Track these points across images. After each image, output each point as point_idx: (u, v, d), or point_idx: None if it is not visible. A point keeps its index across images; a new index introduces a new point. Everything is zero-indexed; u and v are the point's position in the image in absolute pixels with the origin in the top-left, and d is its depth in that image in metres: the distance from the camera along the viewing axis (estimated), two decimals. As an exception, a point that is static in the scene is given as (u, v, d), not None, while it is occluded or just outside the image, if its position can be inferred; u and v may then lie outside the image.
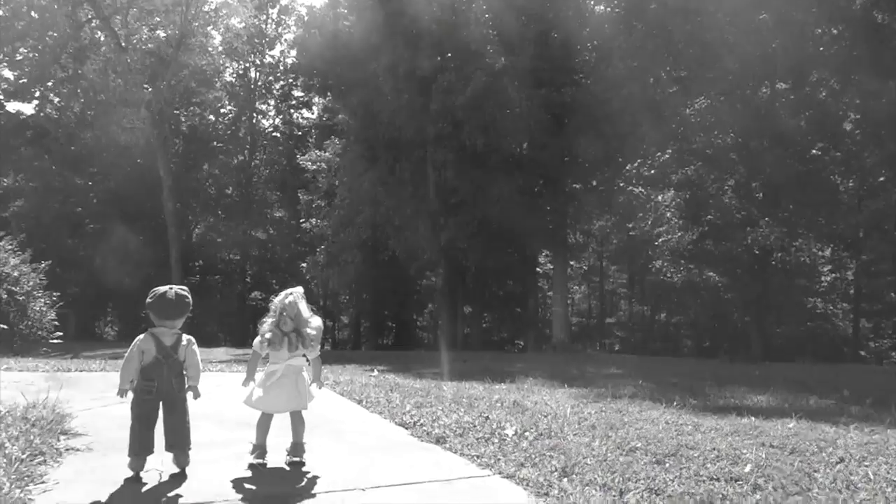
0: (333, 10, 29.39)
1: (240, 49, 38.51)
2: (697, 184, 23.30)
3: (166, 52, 32.25)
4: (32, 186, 33.80)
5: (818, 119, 21.02)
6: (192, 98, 37.24)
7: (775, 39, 20.45)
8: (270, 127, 42.64)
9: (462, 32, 24.24)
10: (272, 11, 39.86)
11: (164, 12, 32.13)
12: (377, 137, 25.38)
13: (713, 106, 22.40)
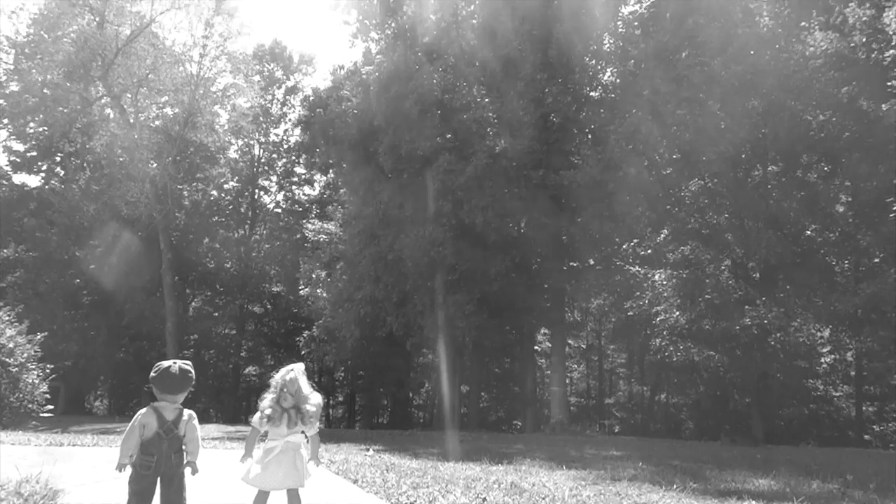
0: (337, 91, 30.42)
1: (245, 127, 39.62)
2: (694, 263, 23.50)
3: (173, 129, 33.17)
4: (32, 257, 33.96)
5: (810, 201, 21.43)
6: (196, 174, 38.01)
7: (766, 125, 21.13)
8: (272, 202, 43.33)
9: (462, 115, 25.01)
10: (278, 92, 41.28)
11: (174, 91, 33.19)
12: (377, 214, 25.75)
13: (707, 187, 22.90)
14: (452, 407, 26.97)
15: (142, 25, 30.92)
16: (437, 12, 26.42)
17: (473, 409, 31.18)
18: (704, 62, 20.75)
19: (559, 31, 23.63)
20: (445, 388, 26.12)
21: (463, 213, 23.58)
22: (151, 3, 30.95)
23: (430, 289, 25.17)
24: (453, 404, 27.29)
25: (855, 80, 20.27)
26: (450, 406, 26.38)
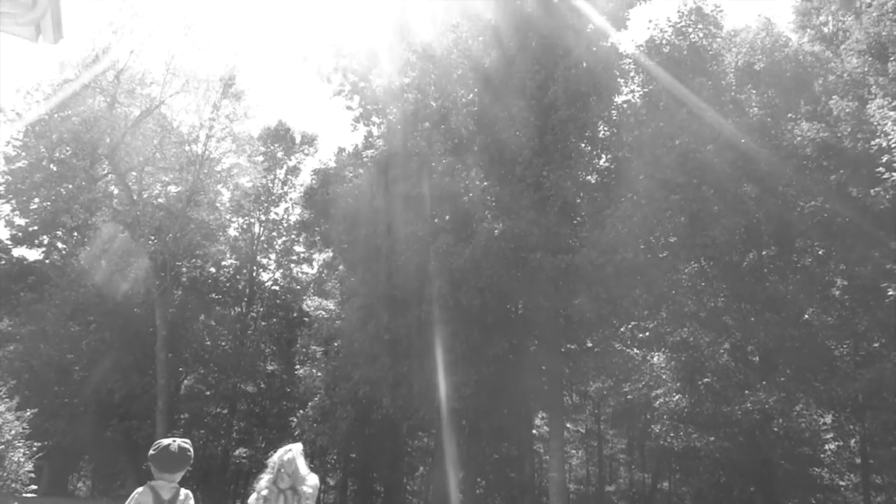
0: (339, 172, 31.08)
1: (246, 206, 40.18)
2: (693, 346, 23.42)
3: (176, 206, 33.61)
4: (27, 331, 33.66)
5: (806, 284, 21.61)
6: (195, 251, 38.22)
7: (760, 209, 21.55)
8: (270, 280, 43.39)
9: (461, 199, 25.48)
10: (280, 171, 42.15)
11: (178, 170, 33.84)
12: (375, 295, 25.79)
13: (704, 270, 23.11)
14: (447, 493, 26.13)
15: (151, 107, 31.87)
16: (438, 100, 27.35)
17: (469, 496, 30.17)
18: (697, 149, 21.36)
19: (555, 119, 24.40)
20: (447, 474, 25.41)
21: (461, 295, 23.61)
22: (162, 86, 32.01)
23: (427, 370, 24.87)
24: (450, 491, 26.45)
25: (843, 167, 20.86)
26: (442, 493, 25.57)
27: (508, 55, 25.11)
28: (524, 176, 24.67)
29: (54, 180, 34.24)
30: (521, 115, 25.14)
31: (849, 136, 20.48)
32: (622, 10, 25.61)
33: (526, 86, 24.79)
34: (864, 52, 21.26)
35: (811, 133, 21.00)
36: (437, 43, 26.54)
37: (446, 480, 26.17)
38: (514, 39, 25.16)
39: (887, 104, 18.13)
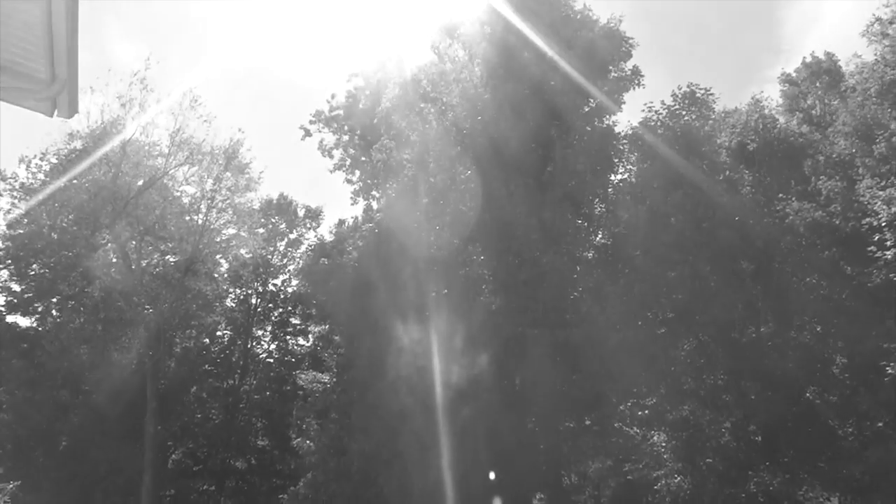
0: (339, 245, 31.34)
1: (245, 277, 40.22)
2: (694, 425, 23.00)
3: (174, 276, 33.64)
4: (15, 399, 33.00)
5: (806, 361, 21.45)
6: (190, 321, 37.97)
7: (757, 286, 21.67)
8: (264, 353, 42.96)
9: (458, 272, 25.59)
10: (280, 244, 42.42)
11: (178, 240, 34.05)
12: (371, 367, 25.52)
13: (702, 347, 22.97)
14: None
15: (155, 178, 32.38)
16: (437, 175, 27.87)
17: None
18: (694, 227, 21.67)
19: (552, 196, 24.82)
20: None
21: (459, 371, 23.36)
22: (167, 158, 32.63)
23: (424, 446, 24.29)
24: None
25: (836, 245, 21.13)
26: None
27: (505, 135, 25.76)
28: (521, 251, 24.86)
29: (54, 248, 34.39)
30: (518, 192, 25.56)
31: (840, 216, 20.87)
32: (617, 93, 26.52)
33: (523, 164, 25.34)
34: (850, 135, 21.93)
35: (803, 212, 21.40)
36: (436, 120, 27.26)
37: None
38: (511, 120, 25.89)
39: (876, 184, 18.57)
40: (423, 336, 24.48)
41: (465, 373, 23.12)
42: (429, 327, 24.20)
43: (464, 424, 23.30)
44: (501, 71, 25.78)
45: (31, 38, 4.74)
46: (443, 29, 28.53)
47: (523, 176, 25.40)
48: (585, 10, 27.08)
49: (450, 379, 23.59)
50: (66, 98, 5.36)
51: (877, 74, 22.01)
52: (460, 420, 23.42)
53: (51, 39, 4.61)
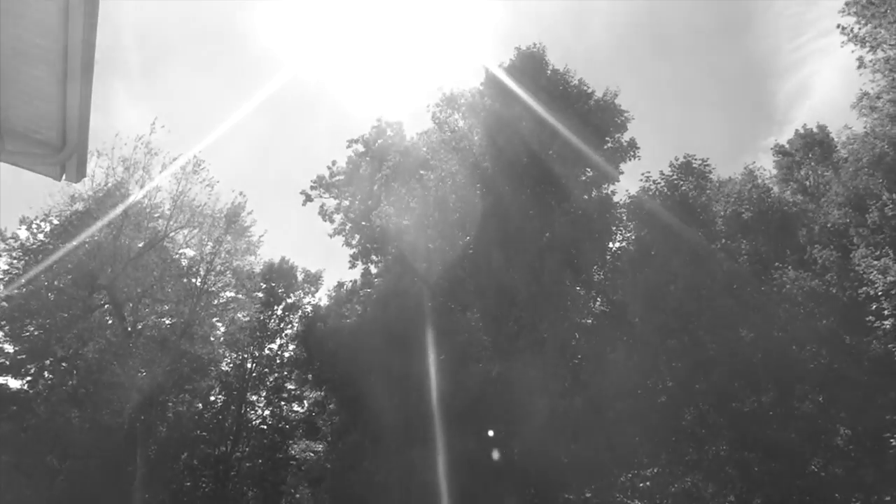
0: (337, 309, 31.26)
1: (241, 340, 39.85)
2: (696, 497, 22.40)
3: (170, 339, 33.33)
4: (2, 463, 32.09)
5: (809, 432, 21.08)
6: (184, 385, 37.40)
7: (756, 354, 21.52)
8: (258, 419, 42.11)
9: (457, 338, 25.45)
10: (278, 308, 42.23)
11: (176, 303, 33.91)
12: (366, 433, 25.06)
13: (703, 416, 22.62)
14: None
15: (155, 239, 32.54)
16: (435, 241, 28.12)
17: None
18: (692, 295, 21.72)
19: (550, 262, 24.96)
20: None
21: (455, 440, 22.93)
22: (167, 221, 32.88)
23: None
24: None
25: (833, 314, 21.11)
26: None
27: (504, 202, 26.13)
28: (520, 318, 24.81)
29: (50, 308, 34.20)
30: (516, 259, 25.73)
31: (836, 284, 20.95)
32: (614, 163, 27.08)
33: (522, 230, 25.62)
34: (843, 204, 22.28)
35: (799, 281, 21.50)
36: (435, 188, 27.70)
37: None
38: (510, 187, 26.32)
39: (870, 253, 18.73)
40: (421, 404, 24.12)
41: (464, 441, 22.67)
42: (428, 394, 23.87)
43: (462, 492, 22.70)
44: (500, 140, 26.38)
45: (45, 105, 4.88)
46: (443, 99, 29.35)
47: (522, 242, 25.61)
48: (581, 85, 27.97)
49: (450, 445, 23.11)
50: (75, 163, 5.46)
51: (867, 146, 22.58)
52: (458, 487, 22.82)
53: (64, 106, 4.75)
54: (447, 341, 25.64)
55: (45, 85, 4.69)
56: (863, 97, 22.65)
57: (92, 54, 4.19)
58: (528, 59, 27.75)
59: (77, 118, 4.87)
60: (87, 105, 4.76)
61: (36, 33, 4.21)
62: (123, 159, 31.62)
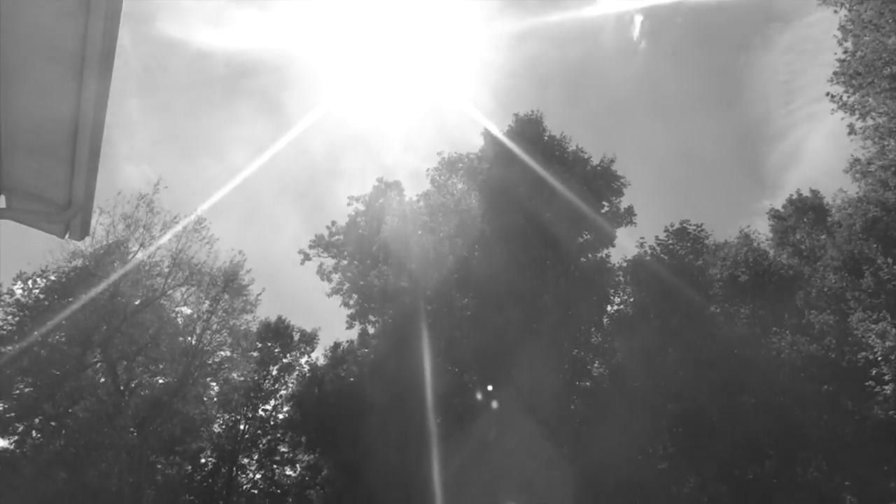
0: (333, 369, 30.92)
1: (235, 401, 39.23)
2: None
3: (162, 398, 32.82)
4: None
5: (814, 501, 20.61)
6: (175, 446, 36.64)
7: (757, 420, 21.24)
8: (249, 483, 41.04)
9: (454, 400, 25.14)
10: (273, 368, 41.76)
11: (170, 361, 33.54)
12: (361, 497, 24.44)
13: (705, 484, 22.14)
14: None
15: (152, 297, 32.44)
16: (433, 302, 28.09)
17: None
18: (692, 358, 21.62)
19: (548, 324, 24.89)
20: None
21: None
22: (166, 279, 32.86)
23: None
24: None
25: (834, 379, 20.95)
26: None
27: (501, 264, 26.25)
28: (519, 380, 24.55)
29: (42, 365, 33.77)
30: (514, 321, 25.64)
31: (835, 349, 20.86)
32: (611, 227, 27.39)
33: (519, 292, 25.64)
34: (839, 269, 22.40)
35: (798, 346, 21.44)
36: (434, 250, 27.86)
37: None
38: (507, 250, 26.50)
39: (868, 318, 18.71)
40: (414, 468, 23.60)
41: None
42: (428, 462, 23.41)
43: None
44: (499, 203, 26.73)
45: (53, 164, 4.99)
46: (441, 162, 29.89)
47: (520, 304, 25.60)
48: (578, 151, 28.57)
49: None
50: (80, 221, 5.56)
51: (860, 211, 22.87)
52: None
53: (72, 166, 4.86)
54: (445, 404, 25.32)
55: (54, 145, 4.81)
56: (854, 163, 23.08)
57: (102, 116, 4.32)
58: (526, 124, 28.44)
59: (84, 178, 4.98)
60: (94, 163, 4.87)
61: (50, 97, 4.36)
62: (125, 217, 31.79)
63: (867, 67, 17.60)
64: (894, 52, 16.83)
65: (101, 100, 4.10)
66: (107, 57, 3.80)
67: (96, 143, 4.54)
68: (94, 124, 4.32)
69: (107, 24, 3.63)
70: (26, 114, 4.49)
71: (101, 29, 3.61)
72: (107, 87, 4.06)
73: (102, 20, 3.60)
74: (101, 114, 4.25)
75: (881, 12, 16.00)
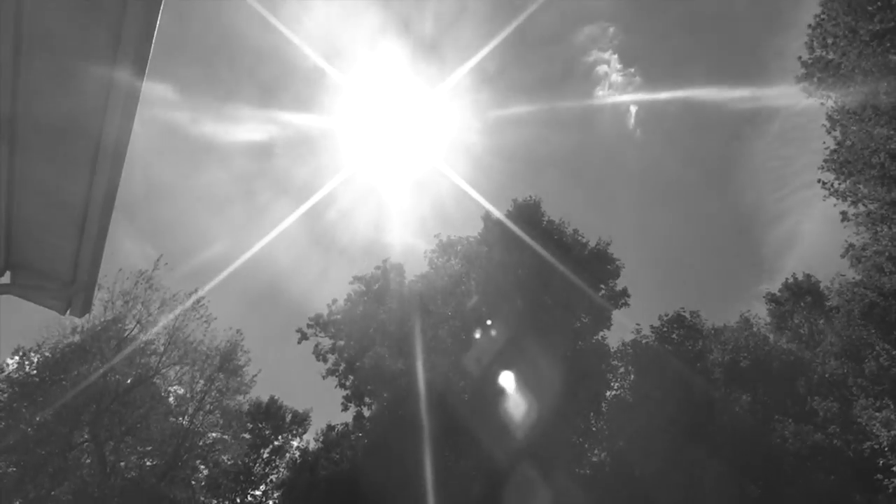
0: (327, 452, 30.18)
1: (224, 486, 38.00)
2: None
3: (149, 481, 31.83)
4: None
5: None
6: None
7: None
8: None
9: (451, 489, 24.46)
10: (265, 451, 40.68)
11: (160, 442, 32.80)
12: None
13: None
14: None
15: (146, 376, 32.04)
16: (431, 386, 27.69)
17: None
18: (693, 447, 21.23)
19: (547, 411, 24.51)
20: None
21: None
22: (160, 357, 32.55)
23: None
24: None
25: (840, 469, 20.49)
26: None
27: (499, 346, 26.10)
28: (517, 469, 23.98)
29: (28, 444, 32.93)
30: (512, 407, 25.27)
31: (839, 437, 20.48)
32: (609, 310, 27.42)
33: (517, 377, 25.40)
34: (840, 354, 22.27)
35: (802, 435, 21.06)
36: (433, 332, 27.78)
37: None
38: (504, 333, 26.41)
39: (871, 405, 18.48)
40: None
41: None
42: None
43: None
44: (497, 287, 26.87)
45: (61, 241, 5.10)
46: (439, 245, 30.25)
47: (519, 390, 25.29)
48: (576, 235, 28.98)
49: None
50: (82, 299, 5.62)
51: (858, 296, 22.93)
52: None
53: (80, 243, 4.97)
54: (444, 492, 24.59)
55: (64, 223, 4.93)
56: (850, 248, 23.34)
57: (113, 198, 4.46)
58: (524, 209, 28.97)
59: (90, 255, 5.07)
60: (101, 242, 4.98)
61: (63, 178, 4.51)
62: (124, 293, 31.85)
63: (856, 156, 18.13)
64: (881, 141, 17.37)
65: (112, 182, 4.25)
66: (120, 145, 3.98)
67: (105, 221, 4.66)
68: (105, 205, 4.45)
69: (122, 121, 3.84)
70: (40, 192, 4.63)
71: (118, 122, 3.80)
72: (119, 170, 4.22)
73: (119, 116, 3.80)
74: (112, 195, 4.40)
75: (864, 106, 16.65)
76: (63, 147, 4.23)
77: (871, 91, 16.48)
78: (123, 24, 3.34)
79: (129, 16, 3.31)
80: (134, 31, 3.37)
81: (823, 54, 17.73)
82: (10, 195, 4.55)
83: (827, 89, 17.80)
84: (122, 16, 3.31)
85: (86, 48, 3.56)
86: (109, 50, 3.48)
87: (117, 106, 3.74)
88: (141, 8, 3.27)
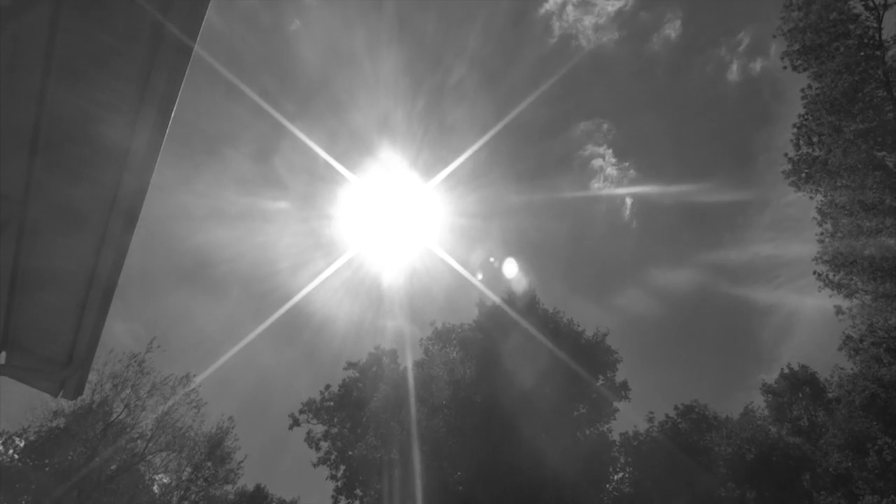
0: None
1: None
2: None
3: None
4: None
5: None
6: None
7: None
8: None
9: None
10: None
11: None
12: None
13: None
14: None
15: (131, 461, 31.09)
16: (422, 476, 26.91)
17: None
18: None
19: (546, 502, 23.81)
20: None
21: None
22: (147, 443, 31.67)
23: None
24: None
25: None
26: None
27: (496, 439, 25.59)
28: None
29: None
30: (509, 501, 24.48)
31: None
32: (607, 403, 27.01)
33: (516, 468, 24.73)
34: (843, 447, 21.82)
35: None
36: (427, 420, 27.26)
37: None
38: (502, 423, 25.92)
39: (877, 501, 17.97)
40: None
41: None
42: None
43: None
44: (493, 375, 26.60)
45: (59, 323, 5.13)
46: (435, 333, 30.21)
47: (516, 481, 24.59)
48: (571, 324, 28.90)
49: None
50: (76, 381, 5.59)
51: (858, 388, 22.70)
52: None
53: (78, 326, 4.99)
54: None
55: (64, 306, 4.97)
56: (847, 340, 23.30)
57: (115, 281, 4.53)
58: (519, 298, 29.06)
59: (88, 337, 5.09)
60: (98, 328, 5.01)
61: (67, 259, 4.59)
62: (113, 376, 31.28)
63: (848, 248, 18.40)
64: (870, 234, 17.70)
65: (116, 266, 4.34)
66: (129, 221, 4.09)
67: (105, 304, 4.72)
68: (106, 289, 4.52)
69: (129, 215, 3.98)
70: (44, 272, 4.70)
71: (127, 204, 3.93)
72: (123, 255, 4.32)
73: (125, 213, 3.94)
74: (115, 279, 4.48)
75: (853, 200, 17.08)
76: (70, 231, 4.34)
77: (858, 186, 16.95)
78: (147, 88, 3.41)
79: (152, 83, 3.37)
80: (157, 93, 3.43)
81: (809, 151, 18.33)
82: (14, 277, 4.62)
83: (815, 184, 18.29)
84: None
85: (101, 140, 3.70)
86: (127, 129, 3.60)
87: (126, 196, 3.87)
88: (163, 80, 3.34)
